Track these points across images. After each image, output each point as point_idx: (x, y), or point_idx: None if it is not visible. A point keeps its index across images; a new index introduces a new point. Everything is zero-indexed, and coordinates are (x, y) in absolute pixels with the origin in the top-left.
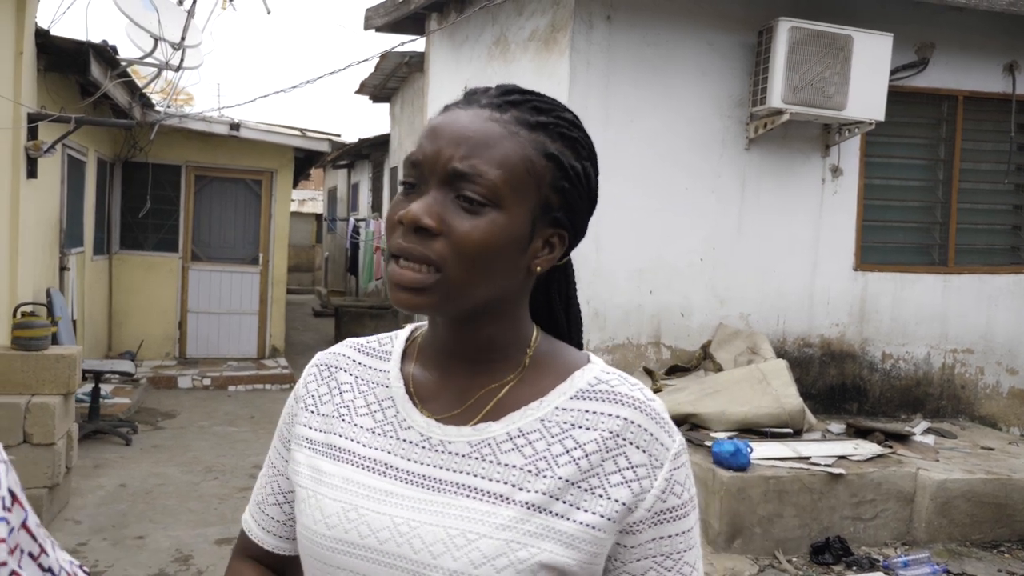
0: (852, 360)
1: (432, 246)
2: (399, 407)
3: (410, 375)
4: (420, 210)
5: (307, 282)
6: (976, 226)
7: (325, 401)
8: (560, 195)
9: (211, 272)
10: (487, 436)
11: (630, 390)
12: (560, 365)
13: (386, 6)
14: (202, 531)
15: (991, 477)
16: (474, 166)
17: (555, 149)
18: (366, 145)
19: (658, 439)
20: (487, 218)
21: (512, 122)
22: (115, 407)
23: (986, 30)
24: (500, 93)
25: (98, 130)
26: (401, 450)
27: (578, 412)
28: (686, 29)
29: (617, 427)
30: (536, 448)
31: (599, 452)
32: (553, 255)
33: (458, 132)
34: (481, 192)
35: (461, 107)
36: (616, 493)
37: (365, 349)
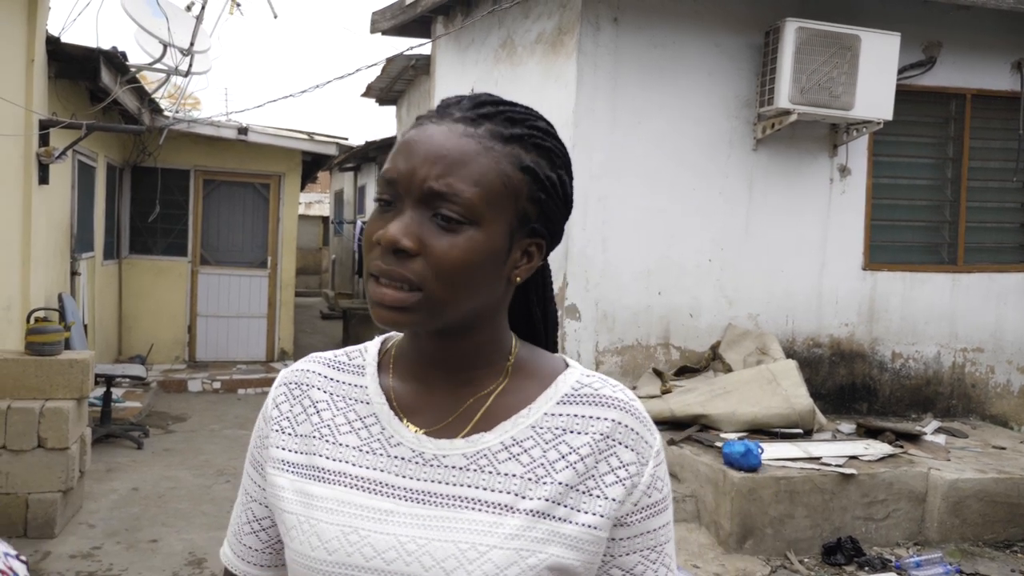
0: (862, 360)
1: (411, 266)
2: (384, 423)
3: (391, 389)
4: (398, 231)
5: (314, 285)
6: (985, 224)
7: (301, 421)
8: (536, 206)
9: (220, 276)
10: (481, 447)
11: (613, 391)
12: (541, 371)
13: (392, 9)
14: (215, 534)
15: (1003, 476)
16: (450, 185)
17: (530, 161)
18: (372, 148)
19: (643, 438)
20: (465, 236)
21: (486, 136)
22: (126, 411)
23: (994, 28)
24: (473, 105)
25: (108, 136)
26: (394, 467)
27: (568, 417)
28: (693, 30)
29: (607, 429)
30: (532, 455)
31: (593, 455)
32: (532, 264)
33: (433, 150)
34: (458, 211)
35: (434, 122)
36: (611, 492)
37: (334, 364)
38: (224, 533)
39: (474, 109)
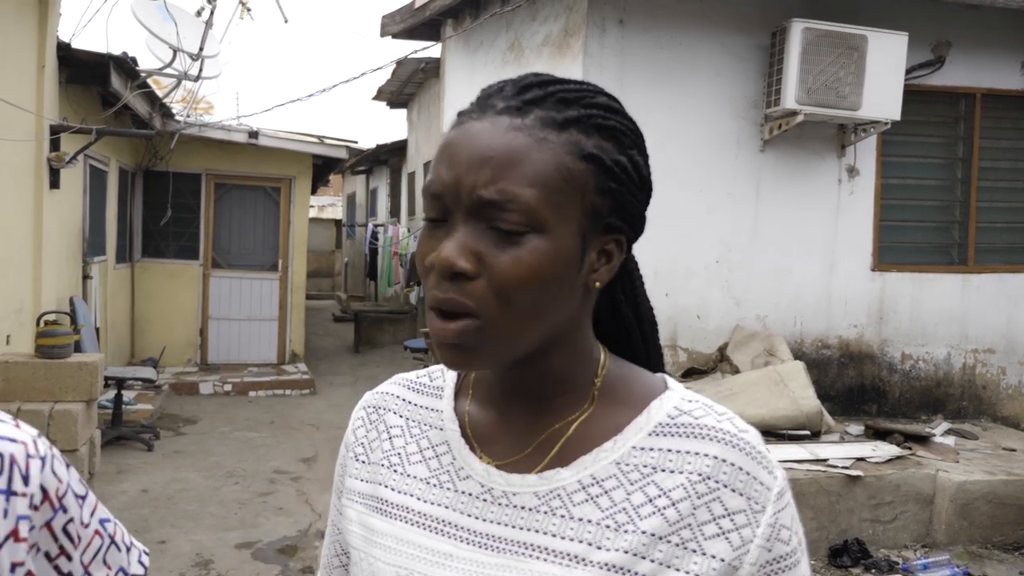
0: (871, 361)
1: (470, 291)
2: (455, 452)
3: (466, 414)
4: (452, 251)
5: (327, 287)
6: (996, 225)
7: (375, 448)
8: (608, 197)
9: (231, 279)
10: (556, 485)
11: (717, 421)
12: (634, 394)
13: (402, 13)
14: (223, 535)
15: (1013, 478)
16: (503, 190)
17: (592, 147)
18: (384, 151)
19: (756, 478)
20: (529, 247)
21: (537, 126)
22: (138, 413)
23: (1003, 27)
24: (517, 91)
25: (119, 140)
26: (460, 504)
27: (659, 452)
28: (699, 31)
29: (707, 468)
30: (613, 498)
31: (688, 499)
32: (612, 264)
33: (478, 152)
34: (517, 219)
35: (475, 118)
36: (713, 548)
37: (415, 385)
38: (232, 535)
39: (519, 96)
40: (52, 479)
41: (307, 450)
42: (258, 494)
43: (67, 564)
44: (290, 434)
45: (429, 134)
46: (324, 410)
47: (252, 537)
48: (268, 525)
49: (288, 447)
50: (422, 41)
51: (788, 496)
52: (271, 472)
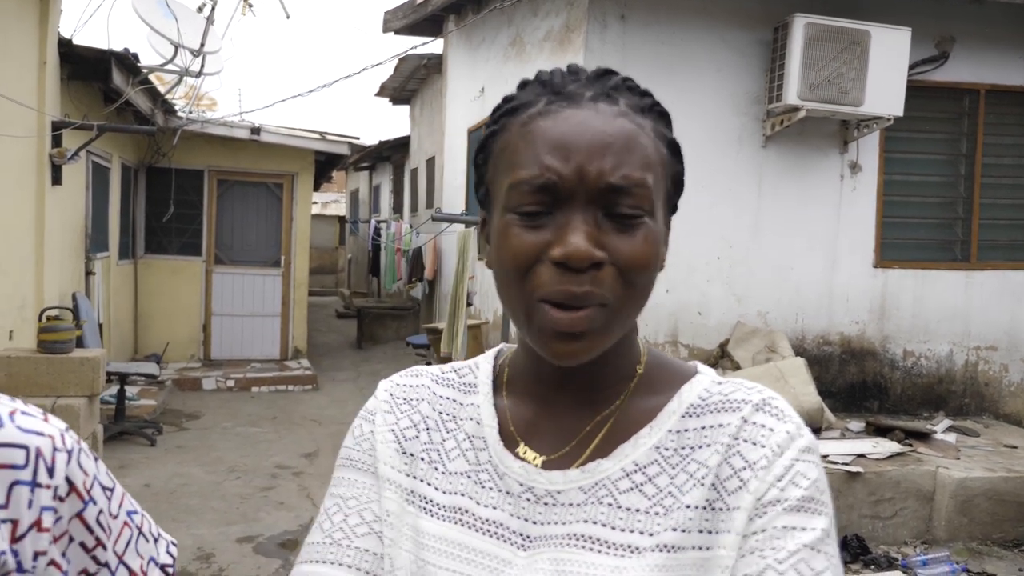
0: (872, 358)
1: (601, 280)
2: (492, 451)
3: (505, 410)
4: (585, 243)
5: (330, 284)
6: (999, 222)
7: (410, 437)
8: (674, 181)
9: (234, 275)
10: (600, 476)
11: (747, 394)
12: (667, 380)
13: (404, 8)
14: (224, 530)
15: (1013, 475)
16: (627, 176)
17: (667, 132)
18: (387, 147)
19: (776, 431)
20: (646, 230)
21: (632, 112)
22: (141, 408)
23: (1007, 22)
24: (595, 77)
25: (122, 136)
26: (507, 504)
27: (694, 432)
28: (701, 27)
29: (733, 430)
30: (658, 484)
31: (721, 463)
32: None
33: (595, 140)
34: (638, 203)
35: (567, 105)
36: (735, 501)
37: (443, 380)
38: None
39: (599, 81)
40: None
41: (309, 445)
42: (260, 489)
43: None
44: (292, 429)
45: (431, 130)
46: (326, 406)
47: (253, 531)
48: (269, 519)
49: (290, 442)
50: (424, 37)
51: (815, 455)
52: (273, 467)
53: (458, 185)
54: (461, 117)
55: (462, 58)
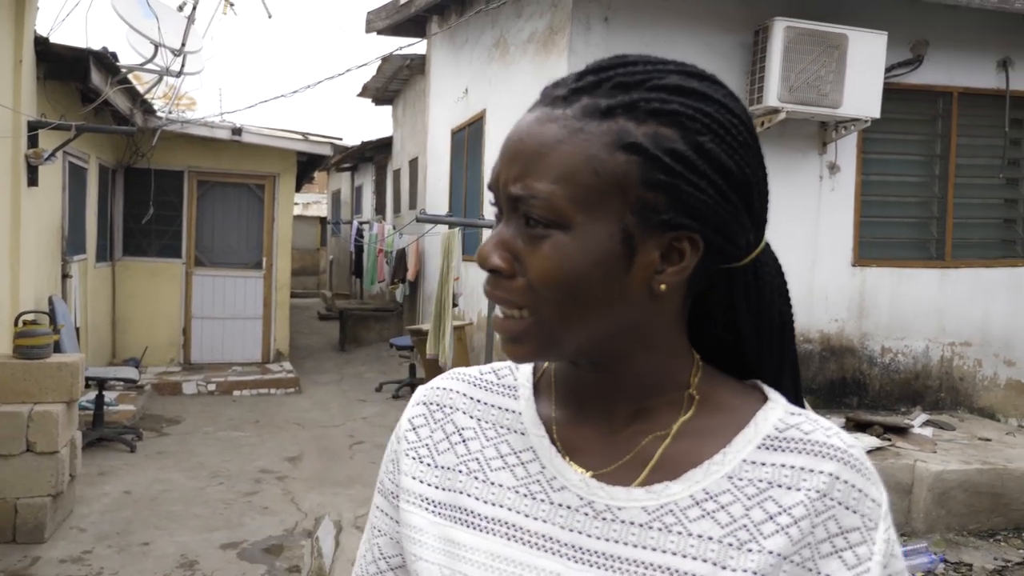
0: (852, 355)
1: (513, 287)
2: (544, 461)
3: (551, 419)
4: (488, 248)
5: (312, 285)
6: (972, 220)
7: (443, 450)
8: (661, 191)
9: (215, 277)
10: (666, 500)
11: (827, 436)
12: (732, 403)
13: (387, 9)
14: (207, 536)
15: (987, 467)
16: (527, 187)
17: (640, 135)
18: (369, 148)
19: (868, 495)
20: (554, 242)
21: (577, 116)
22: (120, 414)
23: (979, 27)
24: (576, 78)
25: (100, 137)
26: (560, 518)
27: (772, 468)
28: (683, 29)
29: (823, 485)
30: (732, 514)
31: (808, 517)
32: (683, 265)
33: (513, 147)
34: (543, 215)
35: (530, 111)
36: (828, 567)
37: (481, 383)
38: (216, 535)
39: (575, 82)
40: None
41: (292, 449)
42: (243, 494)
43: None
44: (275, 433)
45: (414, 131)
46: (309, 409)
47: (237, 537)
48: (253, 525)
49: (273, 446)
50: (407, 38)
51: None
52: (256, 472)
53: (442, 186)
54: (444, 118)
55: (445, 59)
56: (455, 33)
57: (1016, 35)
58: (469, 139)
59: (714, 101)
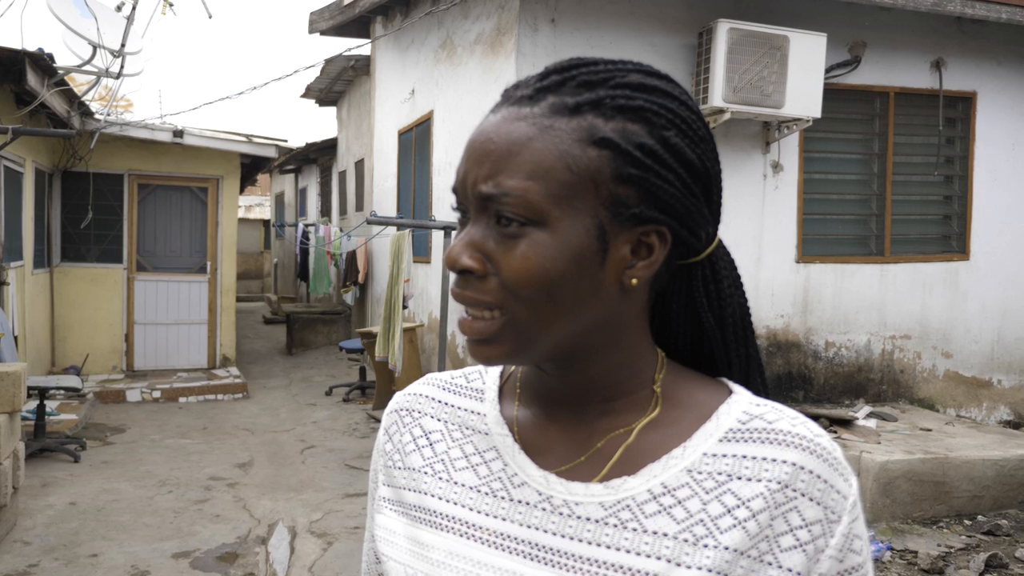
0: (797, 349)
1: (485, 288)
2: (506, 459)
3: (514, 419)
4: (458, 249)
5: (256, 289)
6: (910, 217)
7: (410, 452)
8: (632, 185)
9: (158, 282)
10: (623, 495)
11: (792, 426)
12: (697, 398)
13: (330, 10)
14: (158, 546)
15: (929, 457)
16: (499, 184)
17: (610, 130)
18: (313, 149)
19: (834, 487)
20: (531, 240)
21: (545, 114)
22: (62, 424)
23: (914, 29)
24: (539, 78)
25: (36, 140)
26: (518, 514)
27: (733, 459)
28: (629, 31)
29: (785, 476)
30: (689, 508)
31: (767, 510)
32: (652, 258)
33: (481, 147)
34: (517, 212)
35: (493, 111)
36: (789, 560)
37: (450, 386)
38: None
39: (538, 83)
40: None
41: (242, 455)
42: (193, 502)
43: None
44: (224, 440)
45: (360, 132)
46: (258, 414)
47: (189, 546)
48: (205, 533)
49: (222, 453)
50: (351, 38)
51: (859, 507)
52: (206, 479)
53: (389, 188)
54: (391, 119)
55: (391, 60)
56: (401, 34)
57: (949, 37)
58: (417, 140)
59: (674, 98)
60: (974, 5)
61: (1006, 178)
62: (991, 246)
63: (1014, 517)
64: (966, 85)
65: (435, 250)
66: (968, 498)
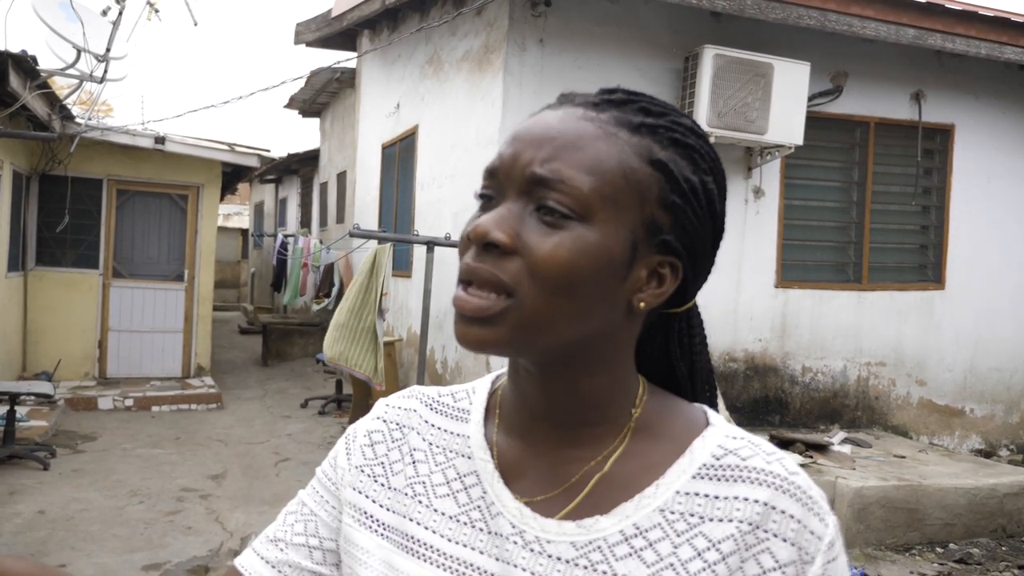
0: (774, 374)
1: (505, 267)
2: (486, 485)
3: (494, 443)
4: (490, 223)
5: (232, 298)
6: (887, 245)
7: (397, 471)
8: (670, 213)
9: (134, 289)
10: (595, 536)
11: (767, 463)
12: (673, 429)
13: (317, 21)
14: (128, 557)
15: (903, 484)
16: (557, 170)
17: (664, 156)
18: (295, 160)
19: (807, 527)
20: (572, 234)
21: (611, 122)
22: (31, 430)
23: (895, 61)
24: (602, 92)
25: (14, 142)
26: (494, 547)
27: (705, 499)
28: (616, 54)
29: (756, 516)
30: (659, 552)
31: (737, 552)
32: (662, 289)
33: (541, 132)
34: (566, 202)
35: (552, 108)
36: None
37: (437, 406)
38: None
39: (602, 95)
40: None
41: (215, 467)
42: (165, 513)
43: None
44: (197, 450)
45: (343, 144)
46: (232, 425)
47: (160, 558)
48: (177, 545)
49: (195, 464)
50: (337, 50)
51: (839, 545)
52: (178, 490)
53: (371, 200)
54: (375, 133)
55: (376, 74)
56: (387, 48)
57: (929, 70)
58: (400, 154)
59: (713, 149)
60: (954, 39)
61: (981, 210)
62: (966, 276)
63: (985, 546)
64: (945, 117)
65: (416, 264)
66: (940, 526)
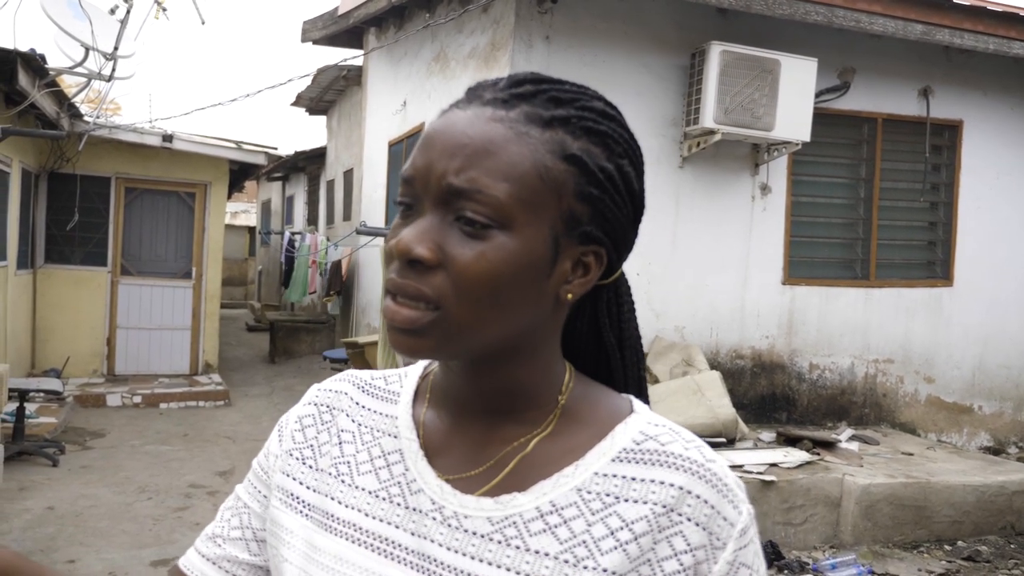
0: (781, 371)
1: (429, 281)
2: (408, 463)
3: (421, 422)
4: (412, 238)
5: (239, 296)
6: (895, 242)
7: (324, 453)
8: (588, 204)
9: (142, 287)
10: (511, 512)
11: (685, 449)
12: (598, 415)
13: (324, 19)
14: (136, 553)
15: (911, 481)
16: (472, 180)
17: (577, 148)
18: (302, 158)
19: (720, 512)
20: (494, 243)
21: (521, 120)
22: (41, 427)
23: (902, 57)
24: (509, 84)
25: (23, 140)
26: (411, 522)
27: (622, 480)
28: (622, 51)
29: (671, 499)
30: (573, 529)
31: (650, 533)
32: (588, 278)
33: (453, 140)
34: (484, 211)
35: (460, 107)
36: None
37: (369, 388)
38: (146, 552)
39: (510, 89)
40: None
41: (223, 463)
42: (173, 509)
43: None
44: (204, 447)
45: (349, 142)
46: (239, 422)
47: (168, 554)
48: (184, 541)
49: (203, 460)
50: (343, 48)
51: (752, 533)
52: (186, 487)
53: (378, 198)
54: (382, 130)
55: (383, 71)
56: (394, 46)
57: (937, 65)
58: (407, 151)
59: (627, 129)
60: (962, 35)
61: (989, 207)
62: (974, 273)
63: (994, 543)
64: (953, 113)
65: None
66: (948, 523)
